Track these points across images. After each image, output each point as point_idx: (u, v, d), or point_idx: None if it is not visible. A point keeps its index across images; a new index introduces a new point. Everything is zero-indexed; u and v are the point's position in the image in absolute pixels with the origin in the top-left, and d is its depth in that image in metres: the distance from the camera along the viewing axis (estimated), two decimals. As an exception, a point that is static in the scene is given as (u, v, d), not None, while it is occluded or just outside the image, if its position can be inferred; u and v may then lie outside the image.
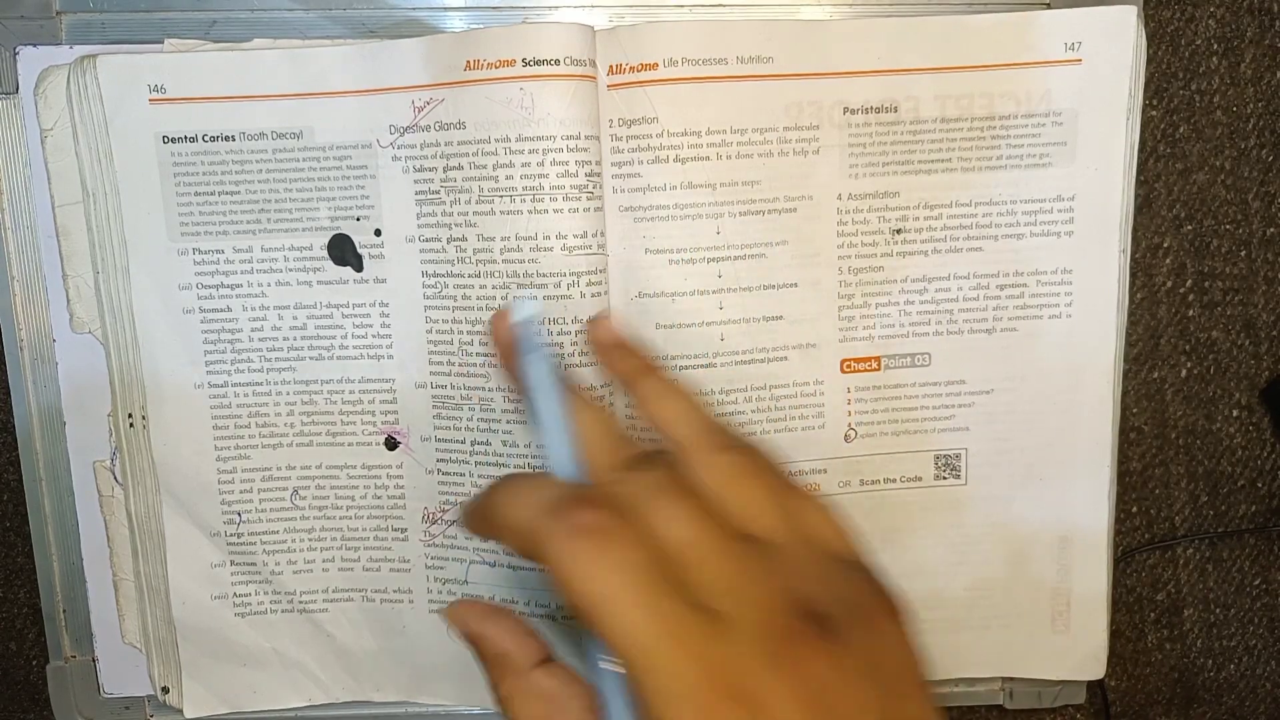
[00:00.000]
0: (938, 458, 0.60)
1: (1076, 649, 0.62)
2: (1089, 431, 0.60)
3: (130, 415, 0.58)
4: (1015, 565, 0.61)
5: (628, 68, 0.54)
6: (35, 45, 0.55)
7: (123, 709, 0.62)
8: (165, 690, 0.61)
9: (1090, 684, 0.64)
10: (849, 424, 0.59)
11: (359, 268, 0.57)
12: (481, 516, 0.37)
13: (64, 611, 0.61)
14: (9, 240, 0.57)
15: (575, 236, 0.54)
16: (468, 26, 0.56)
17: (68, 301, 0.57)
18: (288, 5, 0.56)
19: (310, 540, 0.60)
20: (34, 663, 0.65)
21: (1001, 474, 0.60)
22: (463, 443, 0.58)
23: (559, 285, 0.54)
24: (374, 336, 0.57)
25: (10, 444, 0.61)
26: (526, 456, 0.56)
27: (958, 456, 0.60)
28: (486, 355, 0.56)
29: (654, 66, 0.54)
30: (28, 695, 0.66)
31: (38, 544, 0.60)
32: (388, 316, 0.57)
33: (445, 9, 0.56)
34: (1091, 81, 0.56)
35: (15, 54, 0.55)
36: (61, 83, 0.55)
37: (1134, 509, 0.66)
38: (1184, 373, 0.64)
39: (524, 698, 0.38)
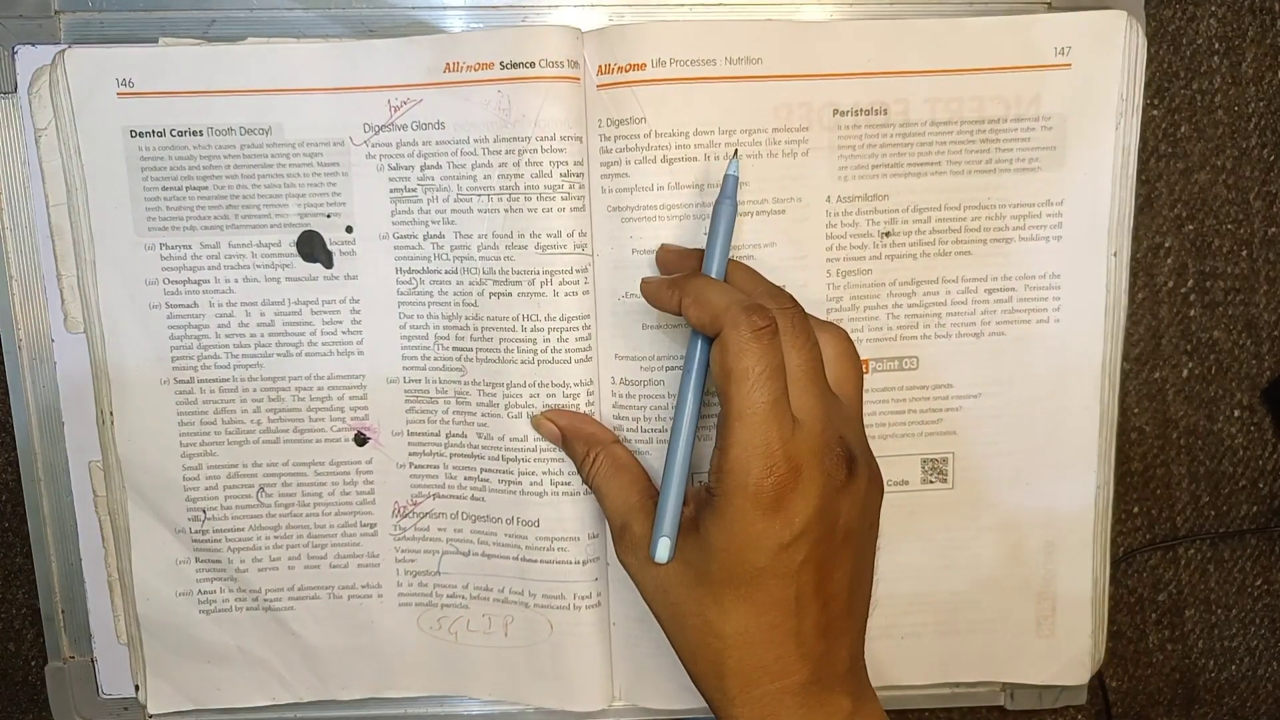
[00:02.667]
0: (925, 462, 0.61)
1: (1062, 653, 0.65)
2: (1076, 436, 0.62)
3: (102, 412, 0.60)
4: (1001, 570, 0.64)
5: (616, 68, 0.56)
6: (34, 45, 0.57)
7: (121, 709, 0.65)
8: (137, 687, 0.63)
9: (1091, 685, 0.66)
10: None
11: (329, 264, 0.59)
12: (672, 290, 0.51)
13: (63, 612, 0.63)
14: (7, 240, 0.59)
15: (549, 236, 0.56)
16: (467, 26, 0.58)
17: (62, 301, 0.60)
18: (287, 4, 0.58)
19: (276, 537, 0.62)
20: (33, 664, 0.68)
21: (988, 478, 0.62)
22: (437, 435, 0.60)
23: (533, 283, 0.57)
24: (344, 333, 0.60)
25: (9, 444, 0.63)
26: (500, 449, 0.59)
27: (945, 461, 0.61)
28: (462, 350, 0.58)
29: (642, 67, 0.56)
30: (27, 696, 0.69)
31: (36, 545, 0.62)
32: (358, 313, 0.59)
33: (445, 8, 0.58)
34: (1080, 86, 0.58)
35: (14, 53, 0.57)
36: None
37: (1135, 509, 0.68)
38: (1185, 373, 0.66)
39: (606, 460, 0.55)
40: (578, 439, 0.57)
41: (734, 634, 0.48)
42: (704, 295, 0.50)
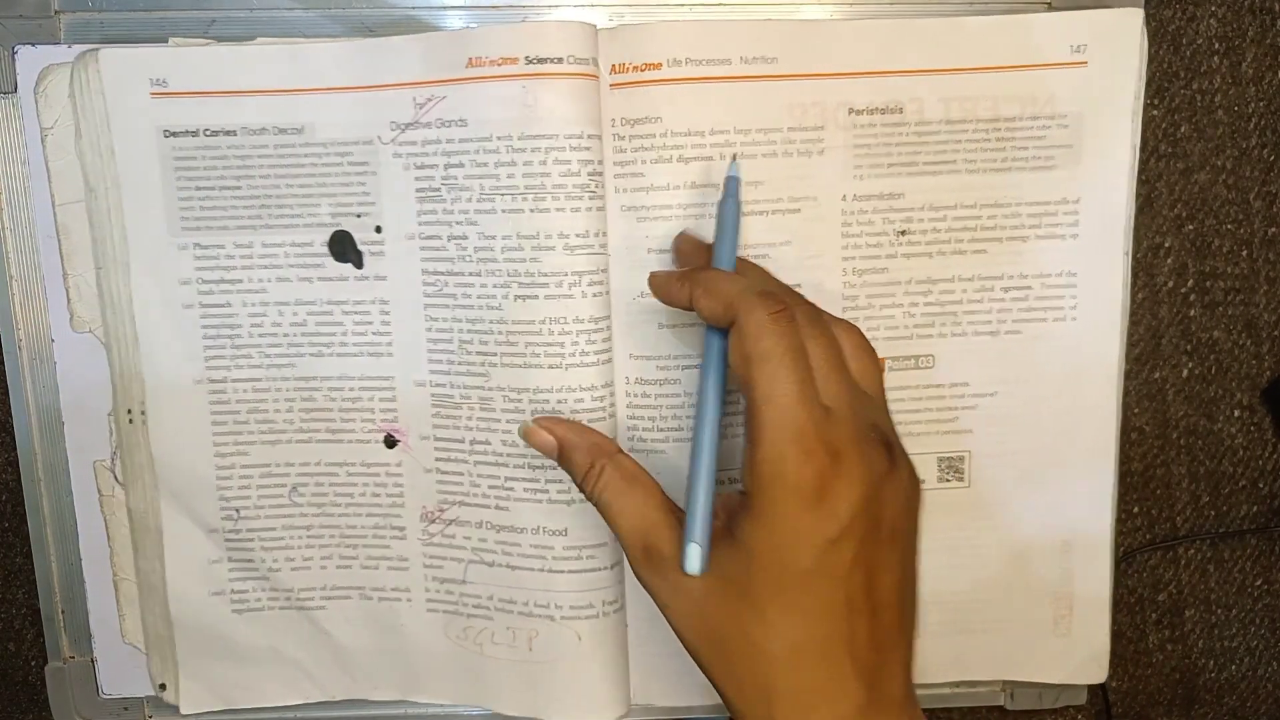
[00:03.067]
0: (941, 460, 0.61)
1: (1078, 652, 0.65)
2: (1092, 435, 0.62)
3: (129, 411, 0.60)
4: (1017, 568, 0.64)
5: (631, 67, 0.56)
6: (34, 45, 0.57)
7: (121, 709, 0.64)
8: (163, 687, 0.63)
9: (1091, 685, 0.65)
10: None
11: (359, 265, 0.59)
12: (682, 283, 0.50)
13: (63, 612, 0.63)
14: (7, 240, 0.59)
15: (577, 235, 0.56)
16: (467, 26, 0.58)
17: (68, 301, 0.59)
18: (287, 4, 0.58)
19: (308, 537, 0.62)
20: (33, 664, 0.68)
21: (1004, 477, 0.62)
22: (461, 441, 0.60)
23: (560, 284, 0.56)
24: (374, 334, 0.59)
25: (9, 444, 0.63)
26: (526, 456, 0.59)
27: (961, 459, 0.61)
28: (486, 354, 0.58)
29: (657, 66, 0.56)
30: (26, 696, 0.68)
31: (36, 545, 0.62)
32: (388, 314, 0.59)
33: (445, 8, 0.59)
34: (1096, 84, 0.58)
35: (14, 53, 0.57)
36: (63, 81, 0.57)
37: (1135, 509, 0.68)
38: (1185, 373, 0.66)
39: (615, 473, 0.51)
40: (579, 449, 0.53)
41: (782, 651, 0.44)
42: (715, 285, 0.48)
